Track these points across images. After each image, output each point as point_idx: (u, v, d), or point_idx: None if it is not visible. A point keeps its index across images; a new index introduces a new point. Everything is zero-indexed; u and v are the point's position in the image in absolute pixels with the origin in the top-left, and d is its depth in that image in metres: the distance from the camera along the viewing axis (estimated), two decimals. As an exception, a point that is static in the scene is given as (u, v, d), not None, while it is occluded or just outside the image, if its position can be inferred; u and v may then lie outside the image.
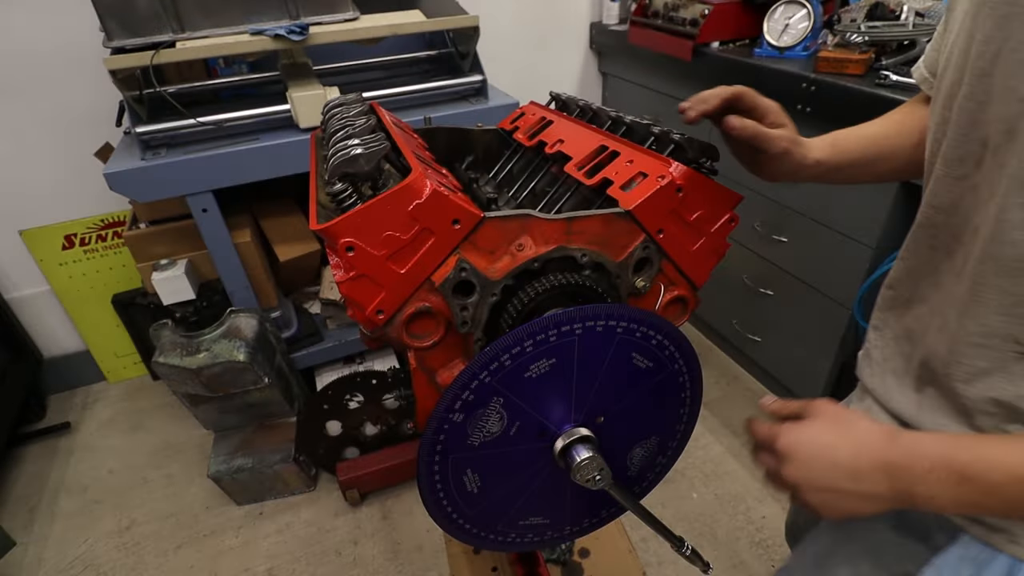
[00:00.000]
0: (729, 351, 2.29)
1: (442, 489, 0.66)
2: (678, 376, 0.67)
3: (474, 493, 0.68)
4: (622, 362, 0.63)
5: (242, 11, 1.47)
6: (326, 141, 0.71)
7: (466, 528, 0.70)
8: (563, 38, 2.41)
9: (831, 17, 1.72)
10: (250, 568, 1.64)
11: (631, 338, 0.61)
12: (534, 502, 0.72)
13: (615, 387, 0.65)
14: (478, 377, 0.58)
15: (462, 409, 0.60)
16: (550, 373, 0.61)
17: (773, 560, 1.57)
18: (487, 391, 0.60)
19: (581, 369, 0.62)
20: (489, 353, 0.57)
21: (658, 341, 0.63)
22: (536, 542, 0.76)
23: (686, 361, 0.66)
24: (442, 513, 0.67)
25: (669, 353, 0.64)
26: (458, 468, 0.65)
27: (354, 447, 1.83)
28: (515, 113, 0.95)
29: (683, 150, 0.66)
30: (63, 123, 1.90)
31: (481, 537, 0.71)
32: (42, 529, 1.79)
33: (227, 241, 1.63)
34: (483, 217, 0.58)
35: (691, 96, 0.65)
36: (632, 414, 0.68)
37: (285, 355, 1.85)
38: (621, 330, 0.60)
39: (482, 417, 0.62)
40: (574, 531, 0.79)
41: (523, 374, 0.60)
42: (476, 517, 0.70)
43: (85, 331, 2.25)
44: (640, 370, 0.64)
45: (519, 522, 0.73)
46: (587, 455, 0.62)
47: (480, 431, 0.63)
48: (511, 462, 0.67)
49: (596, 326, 0.59)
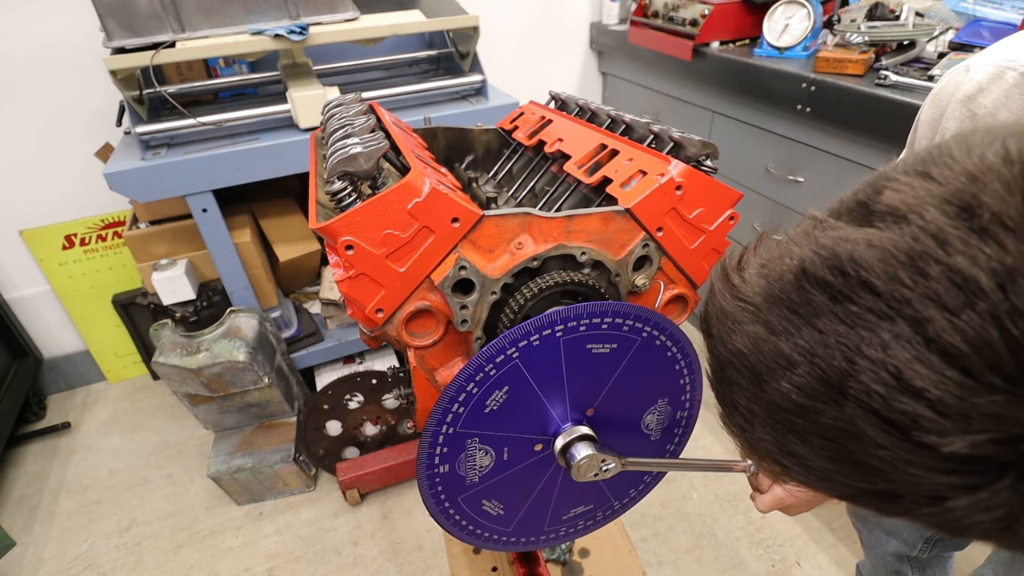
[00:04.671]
0: (729, 351, 2.29)
1: (465, 523, 0.68)
2: (653, 341, 0.65)
3: (500, 516, 0.70)
4: (581, 358, 0.62)
5: (242, 11, 1.47)
6: (325, 141, 0.71)
7: (468, 528, 0.70)
8: (563, 38, 2.41)
9: (831, 17, 1.73)
10: (250, 568, 1.63)
11: (575, 334, 0.61)
12: (567, 500, 0.73)
13: (587, 381, 0.64)
14: (441, 432, 0.61)
15: (444, 460, 0.63)
16: (510, 399, 0.62)
17: (773, 560, 1.57)
18: (458, 439, 0.62)
19: (541, 382, 0.62)
20: (440, 407, 0.59)
21: (609, 323, 0.62)
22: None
23: (653, 325, 0.64)
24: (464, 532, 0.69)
25: (629, 327, 0.63)
26: (472, 502, 0.67)
27: (354, 447, 1.83)
28: (515, 113, 0.95)
29: (682, 148, 0.66)
30: (63, 123, 1.90)
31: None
32: (42, 529, 1.79)
33: (227, 241, 1.63)
34: (482, 215, 0.58)
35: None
36: (621, 392, 0.67)
37: (285, 355, 1.85)
38: (560, 333, 0.60)
39: (467, 459, 0.64)
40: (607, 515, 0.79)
41: (483, 411, 0.61)
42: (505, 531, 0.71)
43: (85, 331, 2.25)
44: (605, 355, 0.63)
45: (562, 517, 0.74)
46: (585, 454, 0.62)
47: (472, 470, 0.65)
48: (519, 480, 0.68)
49: (532, 342, 0.59)
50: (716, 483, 1.79)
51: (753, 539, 1.63)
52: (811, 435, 0.31)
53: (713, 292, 0.38)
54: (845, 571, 1.53)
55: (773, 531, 1.64)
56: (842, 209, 0.34)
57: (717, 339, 0.37)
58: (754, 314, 0.33)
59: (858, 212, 0.32)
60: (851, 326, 0.28)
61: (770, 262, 0.34)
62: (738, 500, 1.74)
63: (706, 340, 0.39)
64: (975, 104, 0.60)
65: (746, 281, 0.35)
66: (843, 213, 0.33)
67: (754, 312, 0.33)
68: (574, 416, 0.66)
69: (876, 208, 0.30)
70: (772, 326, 0.32)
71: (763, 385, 0.32)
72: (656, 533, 1.66)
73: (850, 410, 0.28)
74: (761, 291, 0.33)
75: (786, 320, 0.31)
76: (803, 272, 0.31)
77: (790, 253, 0.32)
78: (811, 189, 1.62)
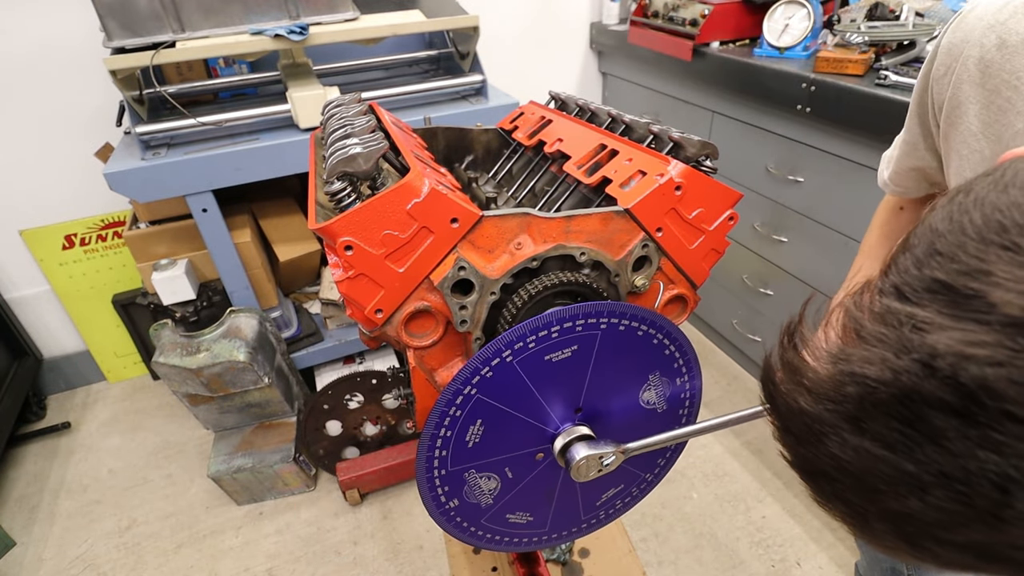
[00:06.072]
0: (729, 351, 2.29)
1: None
2: (614, 329, 0.63)
3: (530, 522, 0.71)
4: (544, 370, 0.62)
5: (242, 11, 1.47)
6: (325, 141, 0.71)
7: (466, 527, 0.70)
8: (563, 38, 2.41)
9: (831, 17, 1.72)
10: (250, 568, 1.63)
11: (527, 353, 0.60)
12: (595, 488, 0.74)
13: (562, 387, 0.64)
14: (434, 477, 0.62)
15: (450, 497, 0.65)
16: (488, 429, 0.63)
17: (773, 560, 1.57)
18: (455, 475, 0.64)
19: (513, 405, 0.62)
20: (422, 455, 0.61)
21: (558, 331, 0.60)
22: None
23: (608, 315, 0.62)
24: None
25: (583, 326, 0.61)
26: (497, 519, 0.68)
27: (354, 447, 1.83)
28: (514, 113, 0.95)
29: (682, 148, 0.66)
30: (63, 123, 1.90)
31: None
32: (42, 529, 1.79)
33: (227, 241, 1.63)
34: (481, 216, 0.58)
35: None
36: (604, 384, 0.66)
37: (285, 355, 1.85)
38: (510, 356, 0.59)
39: (472, 489, 0.65)
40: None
41: (467, 447, 0.63)
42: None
43: (85, 331, 2.25)
44: (569, 359, 0.62)
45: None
46: (582, 456, 0.62)
47: (483, 495, 0.66)
48: (535, 488, 0.69)
49: (485, 375, 0.59)
50: (716, 483, 1.79)
51: (753, 539, 1.63)
52: (950, 545, 0.29)
53: (778, 385, 0.34)
54: (845, 571, 1.53)
55: (773, 531, 1.64)
56: (915, 285, 0.29)
57: (800, 439, 0.33)
58: (852, 423, 0.29)
59: (944, 296, 0.27)
60: (999, 454, 0.25)
61: (849, 358, 0.30)
62: (738, 500, 1.74)
63: (783, 435, 0.35)
64: (1004, 29, 0.54)
65: (822, 377, 0.31)
66: (919, 291, 0.28)
67: (852, 420, 0.29)
68: (565, 418, 0.65)
69: (976, 303, 0.26)
70: (883, 438, 0.28)
71: (880, 498, 0.30)
72: (656, 533, 1.66)
73: (1009, 533, 0.26)
74: (853, 397, 0.29)
75: (899, 434, 0.27)
76: (912, 391, 0.27)
77: (875, 358, 0.28)
78: (811, 189, 1.62)
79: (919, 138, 0.71)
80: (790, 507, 1.70)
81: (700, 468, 1.85)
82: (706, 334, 2.40)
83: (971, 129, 0.58)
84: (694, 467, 1.85)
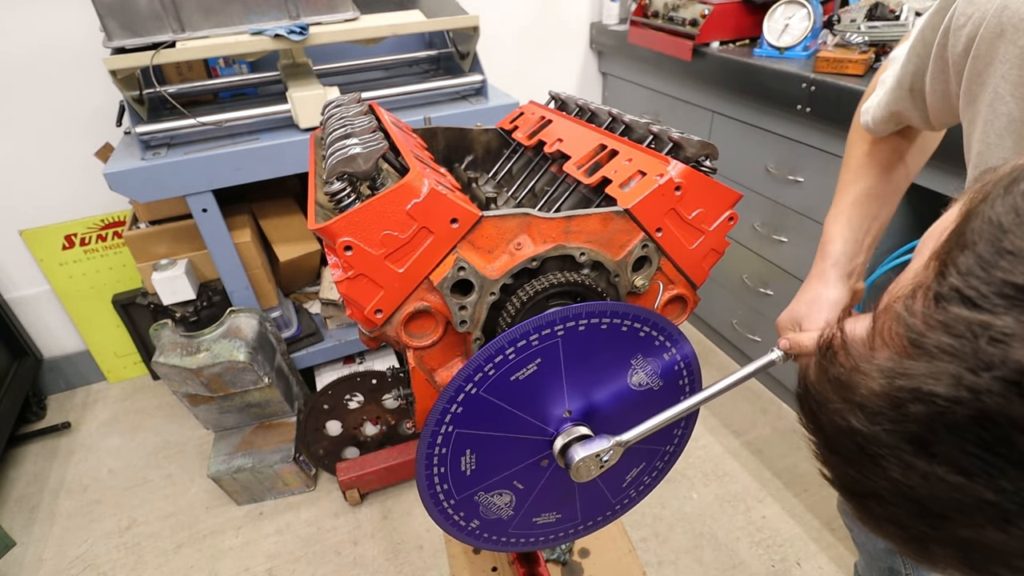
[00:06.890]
0: (729, 351, 2.29)
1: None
2: (573, 332, 0.61)
3: (560, 519, 0.72)
4: (513, 390, 0.61)
5: (242, 11, 1.47)
6: (325, 141, 0.71)
7: (467, 528, 0.70)
8: (563, 38, 2.41)
9: (831, 17, 1.72)
10: (250, 568, 1.63)
11: (490, 380, 0.59)
12: (616, 472, 0.74)
13: (540, 400, 0.63)
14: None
15: (467, 519, 0.65)
16: (480, 456, 0.63)
17: (773, 560, 1.57)
18: (466, 501, 0.64)
19: (495, 428, 0.62)
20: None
21: (514, 350, 0.59)
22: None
23: (563, 320, 0.60)
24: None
25: (539, 338, 0.60)
26: (524, 525, 0.69)
27: (354, 447, 1.83)
28: (514, 113, 0.95)
29: (682, 148, 0.66)
30: (63, 123, 1.90)
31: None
32: (42, 529, 1.79)
33: (227, 241, 1.63)
34: (481, 216, 0.58)
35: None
36: (584, 383, 0.65)
37: (285, 355, 1.85)
38: (474, 389, 0.59)
39: (488, 507, 0.66)
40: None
41: (464, 475, 0.63)
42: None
43: (85, 331, 2.25)
44: (536, 372, 0.61)
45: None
46: (579, 458, 0.61)
47: (500, 509, 0.67)
48: (551, 490, 0.70)
49: (457, 409, 0.60)
50: (716, 483, 1.79)
51: (753, 539, 1.63)
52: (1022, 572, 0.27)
53: (823, 404, 0.32)
54: (845, 571, 1.53)
55: (773, 531, 1.64)
56: (984, 289, 0.25)
57: (850, 460, 0.30)
58: (916, 445, 0.27)
59: (1016, 298, 0.24)
60: None
61: (908, 372, 0.27)
62: (738, 500, 1.74)
63: (826, 454, 0.32)
64: None
65: (877, 393, 0.28)
66: (989, 297, 0.25)
67: (916, 442, 0.27)
68: (558, 423, 0.65)
69: None
70: (956, 463, 0.26)
71: (948, 524, 0.27)
72: (656, 533, 1.66)
73: None
74: (917, 417, 0.26)
75: (978, 459, 0.25)
76: (996, 412, 0.24)
77: (943, 374, 0.25)
78: (811, 189, 1.62)
79: (917, 80, 0.65)
80: (790, 507, 1.70)
81: (700, 468, 1.85)
82: (706, 334, 2.40)
83: (998, 92, 0.53)
84: (694, 467, 1.85)
